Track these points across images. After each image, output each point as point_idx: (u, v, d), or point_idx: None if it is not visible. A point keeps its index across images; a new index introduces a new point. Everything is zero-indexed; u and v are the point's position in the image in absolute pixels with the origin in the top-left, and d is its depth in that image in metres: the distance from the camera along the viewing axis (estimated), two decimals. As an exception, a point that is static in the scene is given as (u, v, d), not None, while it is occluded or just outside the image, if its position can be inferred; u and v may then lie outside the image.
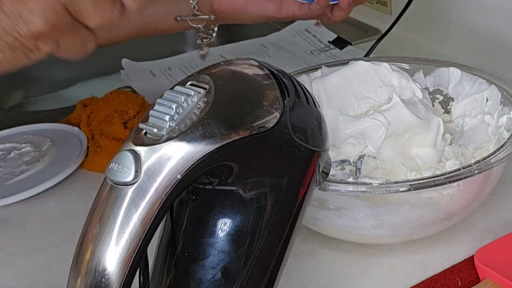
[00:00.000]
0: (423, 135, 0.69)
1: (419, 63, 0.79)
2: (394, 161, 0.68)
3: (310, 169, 0.52)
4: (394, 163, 0.68)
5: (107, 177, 0.47)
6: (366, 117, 0.69)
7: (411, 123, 0.69)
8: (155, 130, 0.47)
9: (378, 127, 0.68)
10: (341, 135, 0.69)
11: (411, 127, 0.69)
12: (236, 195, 0.50)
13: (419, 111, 0.70)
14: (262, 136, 0.48)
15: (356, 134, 0.69)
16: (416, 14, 1.09)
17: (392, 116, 0.68)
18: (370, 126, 0.68)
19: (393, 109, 0.69)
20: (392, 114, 0.68)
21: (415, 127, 0.69)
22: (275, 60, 1.13)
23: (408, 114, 0.68)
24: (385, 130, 0.68)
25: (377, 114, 0.68)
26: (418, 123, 0.69)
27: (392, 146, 0.69)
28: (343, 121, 0.70)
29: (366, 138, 0.68)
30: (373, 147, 0.68)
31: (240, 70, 0.52)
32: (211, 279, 0.50)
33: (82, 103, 0.97)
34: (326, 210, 0.64)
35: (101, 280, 0.46)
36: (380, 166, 0.68)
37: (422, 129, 0.69)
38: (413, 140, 0.69)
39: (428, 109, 0.71)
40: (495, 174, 0.67)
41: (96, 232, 0.46)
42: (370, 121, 0.68)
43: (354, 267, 0.68)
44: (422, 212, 0.64)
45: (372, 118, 0.68)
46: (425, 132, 0.69)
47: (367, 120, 0.69)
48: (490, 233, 0.70)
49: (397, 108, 0.69)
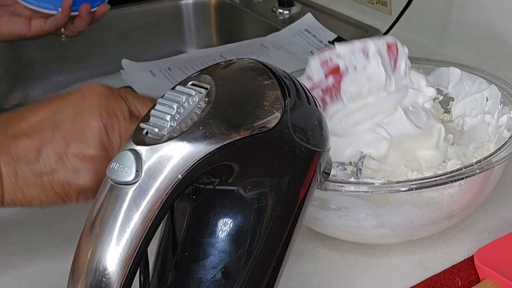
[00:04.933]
0: (425, 141, 0.69)
1: (419, 63, 0.79)
2: (397, 163, 0.68)
3: (311, 169, 0.52)
4: (397, 165, 0.68)
5: (108, 176, 0.47)
6: (368, 131, 0.69)
7: (413, 133, 0.69)
8: (156, 129, 0.47)
9: (381, 140, 0.68)
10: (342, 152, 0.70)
11: (413, 136, 0.69)
12: (236, 195, 0.50)
13: (421, 119, 0.70)
14: (263, 136, 0.48)
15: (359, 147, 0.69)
16: (416, 14, 1.09)
17: (395, 129, 0.68)
18: (373, 140, 0.68)
19: (396, 122, 0.69)
20: (394, 127, 0.69)
21: (417, 136, 0.69)
22: (275, 60, 1.12)
23: (411, 126, 0.69)
24: (388, 143, 0.68)
25: (379, 128, 0.68)
26: (419, 133, 0.69)
27: (395, 152, 0.69)
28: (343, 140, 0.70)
29: (371, 149, 0.68)
30: (377, 156, 0.68)
31: (241, 70, 0.52)
32: (211, 279, 0.50)
33: (82, 103, 0.96)
34: (327, 210, 0.64)
35: (102, 280, 0.46)
36: (381, 168, 0.68)
37: (424, 136, 0.69)
38: (415, 146, 0.70)
39: (429, 115, 0.71)
40: (495, 173, 0.67)
41: (97, 232, 0.46)
42: (372, 134, 0.68)
43: (354, 267, 0.68)
44: (423, 212, 0.64)
45: (374, 132, 0.68)
46: (427, 138, 0.69)
47: (370, 134, 0.69)
48: (490, 233, 0.70)
49: (399, 121, 0.69)
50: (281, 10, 1.33)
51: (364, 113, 0.70)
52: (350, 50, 0.72)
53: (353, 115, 0.70)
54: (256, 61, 0.52)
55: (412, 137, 0.69)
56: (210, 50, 1.23)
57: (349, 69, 0.72)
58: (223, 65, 0.52)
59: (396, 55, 0.72)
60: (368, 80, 0.71)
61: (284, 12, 1.33)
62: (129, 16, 1.37)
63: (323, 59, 0.72)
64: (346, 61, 0.72)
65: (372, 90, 0.71)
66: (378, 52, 0.72)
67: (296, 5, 1.33)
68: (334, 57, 0.72)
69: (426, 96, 0.73)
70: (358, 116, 0.70)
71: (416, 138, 0.69)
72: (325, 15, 1.27)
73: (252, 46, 1.21)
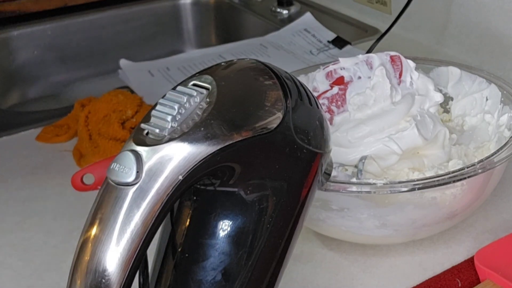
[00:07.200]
0: (431, 148, 0.70)
1: (418, 62, 0.79)
2: (401, 167, 0.68)
3: (312, 171, 0.52)
4: (401, 169, 0.68)
5: (108, 177, 0.46)
6: (376, 143, 0.69)
7: (421, 144, 0.69)
8: (157, 130, 0.46)
9: (391, 154, 0.68)
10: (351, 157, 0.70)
11: (420, 145, 0.69)
12: (237, 197, 0.49)
13: (428, 127, 0.70)
14: (264, 137, 0.48)
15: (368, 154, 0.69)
16: (415, 13, 1.09)
17: (405, 143, 0.68)
18: (382, 152, 0.68)
19: (407, 137, 0.69)
20: (405, 142, 0.68)
21: (424, 145, 0.69)
22: (274, 59, 1.12)
23: (421, 140, 0.69)
24: (398, 157, 0.68)
25: (391, 143, 0.68)
26: (427, 142, 0.69)
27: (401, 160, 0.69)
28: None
29: (378, 159, 0.68)
30: (384, 167, 0.68)
31: (242, 70, 0.51)
32: (211, 280, 0.50)
33: (80, 103, 0.96)
34: (329, 211, 0.64)
35: (101, 281, 0.45)
36: (385, 173, 0.68)
37: (431, 144, 0.70)
38: (421, 152, 0.70)
39: (435, 121, 0.71)
40: (497, 173, 0.67)
41: (97, 233, 0.46)
42: (381, 147, 0.68)
43: (354, 267, 0.67)
44: (426, 212, 0.64)
45: (384, 145, 0.68)
46: (433, 145, 0.70)
47: (379, 146, 0.69)
48: (490, 234, 0.70)
49: (411, 137, 0.69)
50: (280, 10, 1.33)
51: (372, 127, 0.70)
52: (353, 63, 0.74)
53: (361, 129, 0.70)
54: (257, 61, 0.52)
55: (420, 147, 0.70)
56: (209, 50, 1.23)
57: (353, 78, 0.73)
58: (224, 65, 0.52)
59: (401, 67, 0.73)
60: (373, 90, 0.72)
61: (283, 11, 1.33)
62: (128, 15, 1.37)
63: (327, 72, 0.74)
64: (351, 72, 0.73)
65: (378, 100, 0.72)
66: (382, 65, 0.73)
67: (295, 4, 1.33)
68: (338, 69, 0.73)
69: (433, 101, 0.73)
70: (367, 130, 0.70)
71: (424, 147, 0.70)
72: (325, 15, 1.27)
73: (251, 45, 1.21)
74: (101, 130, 0.88)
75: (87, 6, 1.35)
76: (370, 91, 0.72)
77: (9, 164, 0.90)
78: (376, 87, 0.72)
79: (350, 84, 0.74)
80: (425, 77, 0.74)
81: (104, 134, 0.88)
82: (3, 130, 0.96)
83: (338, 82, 0.74)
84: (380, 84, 0.72)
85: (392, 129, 0.70)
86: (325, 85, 0.74)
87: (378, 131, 0.70)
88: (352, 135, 0.70)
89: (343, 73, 0.74)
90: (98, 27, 1.34)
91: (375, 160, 0.68)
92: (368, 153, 0.68)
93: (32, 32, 1.29)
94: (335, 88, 0.74)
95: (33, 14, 1.31)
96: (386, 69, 0.73)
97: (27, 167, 0.89)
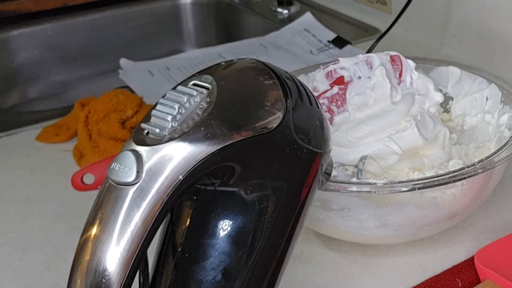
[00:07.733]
0: (431, 148, 0.70)
1: (418, 62, 0.79)
2: (401, 167, 0.68)
3: (312, 171, 0.52)
4: (401, 169, 0.68)
5: (108, 177, 0.46)
6: (376, 143, 0.69)
7: (421, 143, 0.69)
8: (157, 130, 0.46)
9: (391, 154, 0.68)
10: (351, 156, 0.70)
11: (420, 145, 0.69)
12: (237, 196, 0.49)
13: (428, 127, 0.70)
14: (264, 137, 0.48)
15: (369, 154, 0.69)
16: (415, 13, 1.09)
17: (405, 143, 0.68)
18: (382, 152, 0.68)
19: (408, 137, 0.69)
20: (405, 141, 0.68)
21: (424, 145, 0.69)
22: (274, 59, 1.12)
23: (421, 140, 0.69)
24: (398, 157, 0.68)
25: (391, 143, 0.68)
26: (427, 142, 0.69)
27: (401, 159, 0.69)
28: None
29: (378, 159, 0.68)
30: (384, 167, 0.68)
31: (242, 70, 0.51)
32: (211, 280, 0.50)
33: (80, 103, 0.96)
34: (329, 211, 0.64)
35: (101, 281, 0.45)
36: (385, 173, 0.68)
37: (431, 144, 0.70)
38: (421, 152, 0.70)
39: (435, 121, 0.71)
40: (497, 173, 0.67)
41: (97, 232, 0.46)
42: (381, 147, 0.68)
43: (354, 267, 0.67)
44: (426, 212, 0.64)
45: (384, 145, 0.68)
46: (433, 145, 0.70)
47: (379, 146, 0.69)
48: (491, 233, 0.70)
49: (411, 137, 0.69)
50: (280, 9, 1.33)
51: (372, 127, 0.70)
52: (353, 63, 0.74)
53: (361, 128, 0.70)
54: (258, 61, 0.52)
55: (420, 147, 0.70)
56: (209, 49, 1.23)
57: (353, 78, 0.73)
58: (224, 65, 0.52)
59: (401, 67, 0.74)
60: (373, 90, 0.72)
61: (283, 11, 1.33)
62: (128, 15, 1.37)
63: (327, 71, 0.74)
64: (350, 72, 0.74)
65: (378, 100, 0.72)
66: (382, 65, 0.73)
67: (295, 4, 1.33)
68: (338, 69, 0.74)
69: (433, 101, 0.73)
70: (367, 130, 0.70)
71: (424, 147, 0.70)
72: (325, 14, 1.27)
73: (251, 45, 1.21)
74: (101, 130, 0.88)
75: (87, 6, 1.35)
76: (370, 91, 0.72)
77: (9, 164, 0.90)
78: (376, 87, 0.72)
79: (350, 84, 0.74)
80: (425, 77, 0.74)
81: (104, 134, 0.88)
82: (3, 130, 0.96)
83: (338, 82, 0.74)
84: (380, 84, 0.72)
85: (392, 129, 0.70)
86: (325, 85, 0.74)
87: (378, 131, 0.70)
88: (352, 135, 0.70)
89: (343, 73, 0.75)
90: (98, 27, 1.34)
91: (375, 160, 0.68)
92: (368, 153, 0.68)
93: (32, 32, 1.29)
94: (335, 88, 0.74)
95: (33, 14, 1.31)
96: (386, 69, 0.73)
97: (27, 167, 0.89)
